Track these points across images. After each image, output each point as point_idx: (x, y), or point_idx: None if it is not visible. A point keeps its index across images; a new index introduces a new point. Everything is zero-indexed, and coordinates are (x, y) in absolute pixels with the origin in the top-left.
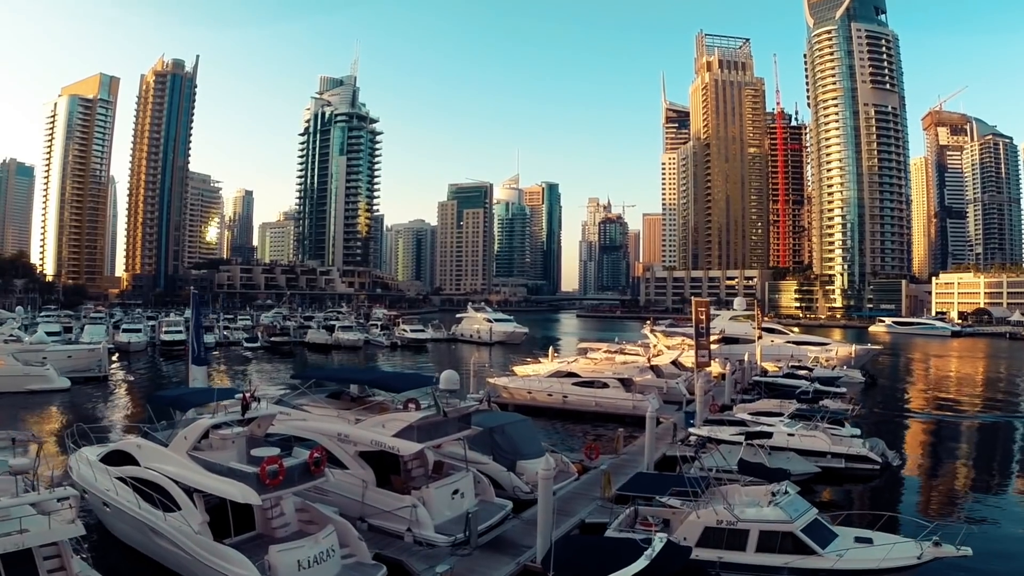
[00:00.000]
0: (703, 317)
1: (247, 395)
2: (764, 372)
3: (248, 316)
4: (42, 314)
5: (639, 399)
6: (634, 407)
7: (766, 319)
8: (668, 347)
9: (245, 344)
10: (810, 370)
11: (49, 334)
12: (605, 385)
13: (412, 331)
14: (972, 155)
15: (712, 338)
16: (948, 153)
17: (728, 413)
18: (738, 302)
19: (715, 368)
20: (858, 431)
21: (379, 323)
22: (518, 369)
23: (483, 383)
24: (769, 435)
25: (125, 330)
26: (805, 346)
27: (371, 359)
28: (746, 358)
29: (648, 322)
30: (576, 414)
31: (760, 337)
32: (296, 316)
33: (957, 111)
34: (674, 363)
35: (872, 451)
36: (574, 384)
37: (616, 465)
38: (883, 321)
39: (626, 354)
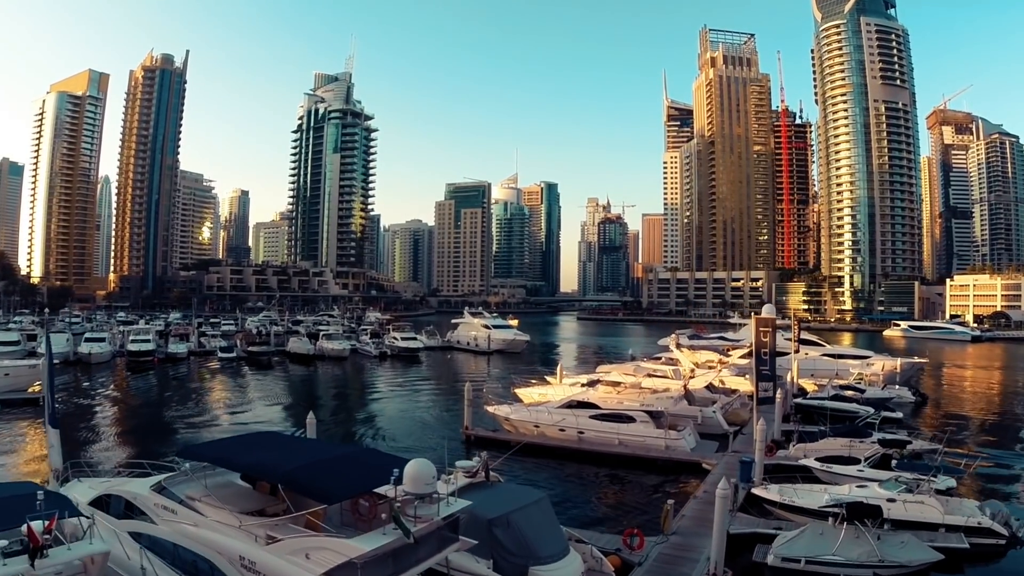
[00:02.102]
0: (767, 339)
1: (34, 532)
2: (803, 392)
3: (232, 320)
4: (14, 318)
5: (673, 437)
6: (666, 446)
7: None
8: (697, 364)
9: (220, 354)
10: (861, 391)
11: (4, 343)
12: (630, 419)
13: (403, 339)
14: (978, 154)
15: (741, 352)
16: (953, 152)
17: (785, 455)
18: (767, 309)
19: (745, 385)
20: (953, 483)
21: (369, 330)
22: (522, 393)
23: (480, 409)
24: (877, 511)
25: (87, 339)
26: (844, 360)
27: (359, 371)
28: (788, 377)
29: (673, 336)
30: (595, 456)
31: (797, 351)
32: (284, 320)
33: (961, 109)
34: (708, 386)
35: (995, 519)
36: (592, 417)
37: (669, 558)
38: (898, 325)
39: (654, 376)
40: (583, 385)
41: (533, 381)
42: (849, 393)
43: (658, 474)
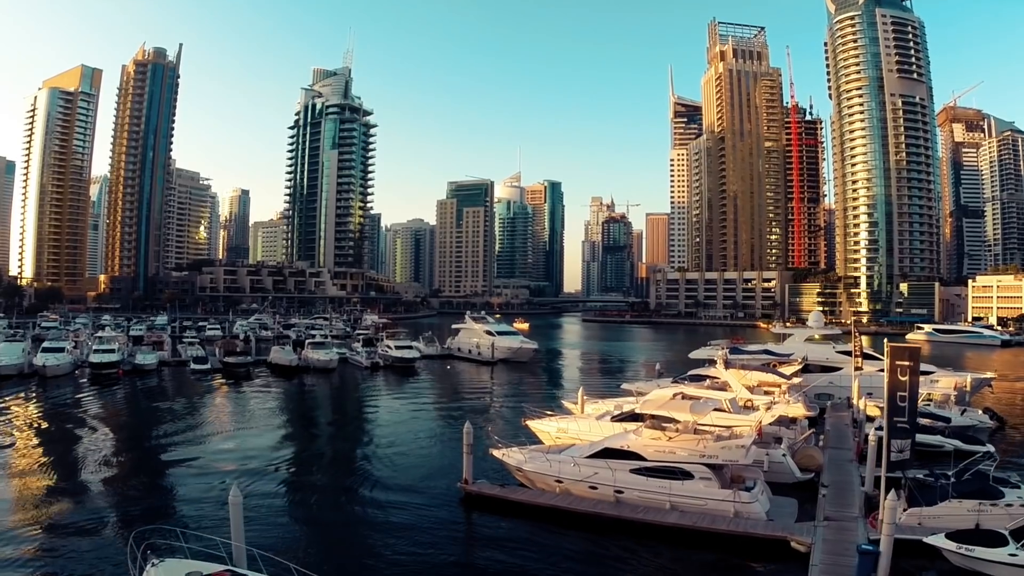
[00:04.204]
0: (905, 377)
1: None
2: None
3: (218, 325)
4: None
5: (744, 500)
6: (735, 512)
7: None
8: (749, 388)
9: (193, 366)
10: (946, 420)
11: None
12: (687, 475)
13: (398, 348)
14: (990, 152)
15: (792, 368)
16: (964, 150)
17: (896, 525)
18: (813, 317)
19: (798, 411)
20: None
21: (362, 337)
22: (537, 427)
23: (484, 444)
24: None
25: (44, 349)
26: None
27: (347, 386)
28: (859, 402)
29: (721, 352)
30: (638, 526)
31: (860, 368)
32: (277, 323)
33: (971, 107)
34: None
35: None
36: (635, 472)
37: None
38: (921, 328)
39: (716, 409)
40: (614, 419)
41: (548, 412)
42: (926, 421)
43: (726, 554)
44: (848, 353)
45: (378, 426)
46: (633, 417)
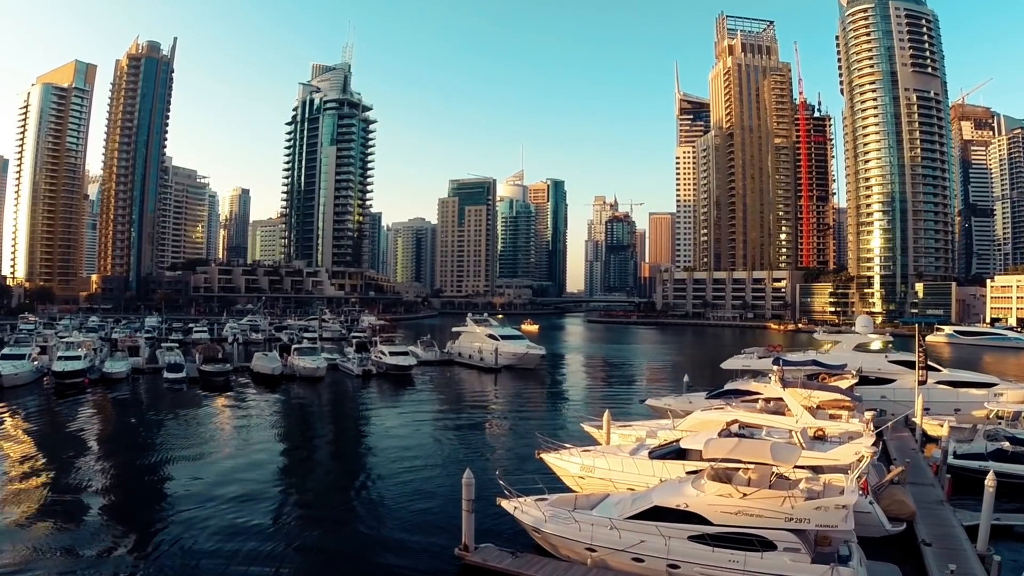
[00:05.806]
0: None
1: None
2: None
3: (205, 327)
4: None
5: None
6: None
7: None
8: (810, 410)
9: (167, 375)
10: None
11: None
12: (768, 544)
13: (392, 354)
14: (1000, 150)
15: (848, 381)
16: (972, 148)
17: None
18: (861, 321)
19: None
20: None
21: (355, 341)
22: (554, 463)
23: (490, 483)
24: None
25: (3, 356)
26: (966, 388)
27: (334, 398)
28: (934, 427)
29: (776, 369)
30: None
31: (924, 380)
32: (271, 324)
33: (980, 104)
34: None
35: None
36: (694, 539)
37: None
38: (941, 330)
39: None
40: (653, 455)
41: (566, 446)
42: (1007, 445)
43: None
44: (904, 363)
45: (362, 453)
46: (678, 453)
